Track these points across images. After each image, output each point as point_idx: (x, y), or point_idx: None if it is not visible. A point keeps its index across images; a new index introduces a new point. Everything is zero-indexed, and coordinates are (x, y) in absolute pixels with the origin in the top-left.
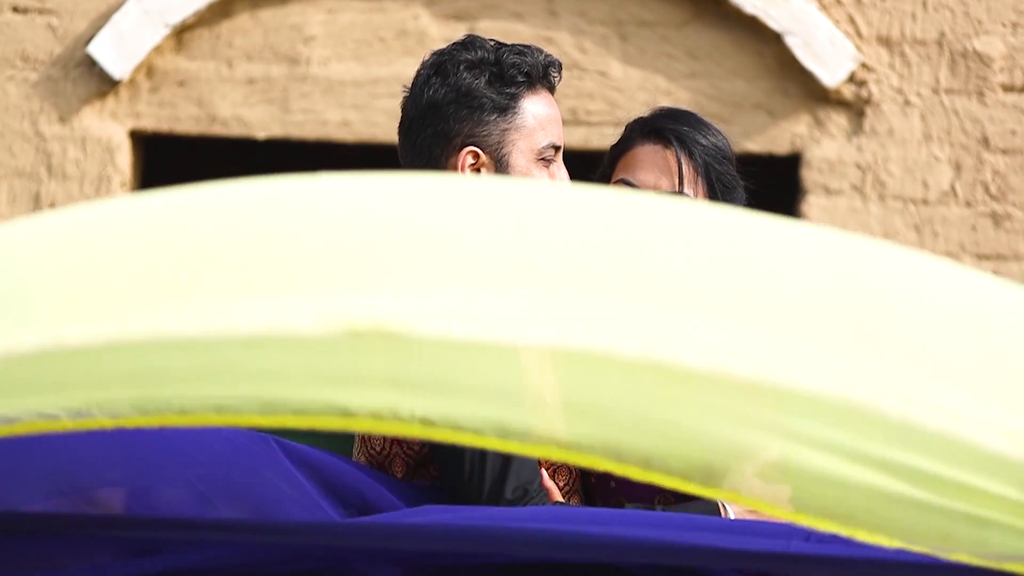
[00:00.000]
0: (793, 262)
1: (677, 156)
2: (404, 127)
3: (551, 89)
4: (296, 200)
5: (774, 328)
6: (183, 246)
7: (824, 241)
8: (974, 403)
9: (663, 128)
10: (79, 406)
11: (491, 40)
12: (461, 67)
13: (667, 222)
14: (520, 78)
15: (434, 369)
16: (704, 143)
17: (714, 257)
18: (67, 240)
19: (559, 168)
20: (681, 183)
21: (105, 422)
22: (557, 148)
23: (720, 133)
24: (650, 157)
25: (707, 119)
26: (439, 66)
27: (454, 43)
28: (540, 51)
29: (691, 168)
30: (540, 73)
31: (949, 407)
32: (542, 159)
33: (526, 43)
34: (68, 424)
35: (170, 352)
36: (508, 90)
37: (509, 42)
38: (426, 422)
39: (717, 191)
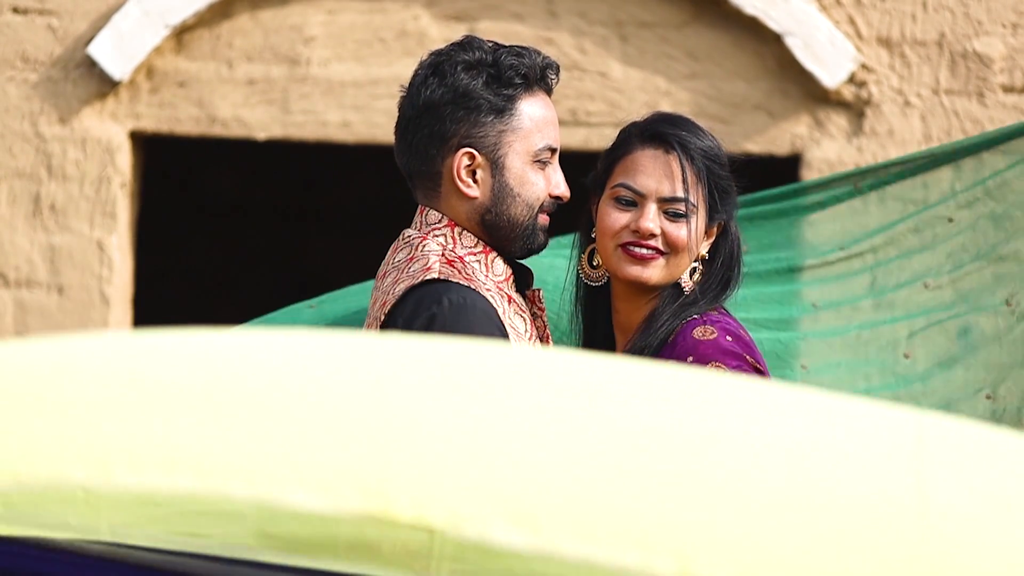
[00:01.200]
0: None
1: (680, 161)
2: (401, 127)
3: (548, 91)
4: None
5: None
6: (232, 410)
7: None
8: None
9: (664, 133)
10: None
11: (489, 41)
12: (459, 68)
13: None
14: (517, 80)
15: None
16: (703, 147)
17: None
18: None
19: (555, 170)
20: (686, 188)
21: None
22: (553, 150)
23: (715, 137)
24: (651, 162)
25: (701, 123)
26: (437, 66)
27: (452, 44)
28: (538, 53)
29: (692, 173)
30: (537, 75)
31: None
32: (538, 161)
33: (525, 44)
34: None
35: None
36: (505, 91)
37: (508, 43)
38: None
39: (715, 195)
